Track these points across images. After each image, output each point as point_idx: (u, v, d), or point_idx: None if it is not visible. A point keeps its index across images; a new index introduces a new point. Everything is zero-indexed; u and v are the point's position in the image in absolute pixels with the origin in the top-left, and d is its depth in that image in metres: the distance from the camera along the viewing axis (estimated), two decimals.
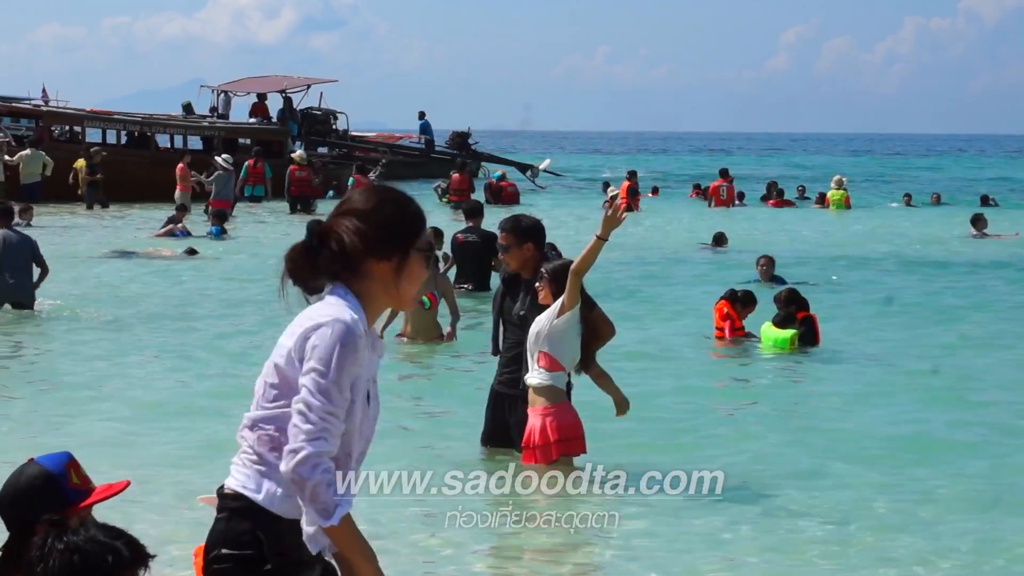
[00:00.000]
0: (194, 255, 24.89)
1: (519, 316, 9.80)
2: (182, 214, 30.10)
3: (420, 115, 50.60)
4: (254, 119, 45.66)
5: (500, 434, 9.84)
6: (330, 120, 47.96)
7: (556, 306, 9.26)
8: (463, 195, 36.41)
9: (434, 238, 20.17)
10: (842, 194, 42.01)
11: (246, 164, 37.62)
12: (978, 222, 32.49)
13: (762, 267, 20.30)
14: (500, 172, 46.30)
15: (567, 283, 9.19)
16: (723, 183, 42.22)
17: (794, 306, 15.44)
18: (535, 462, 9.19)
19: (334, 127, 48.12)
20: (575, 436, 9.36)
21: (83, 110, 43.53)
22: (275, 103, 46.10)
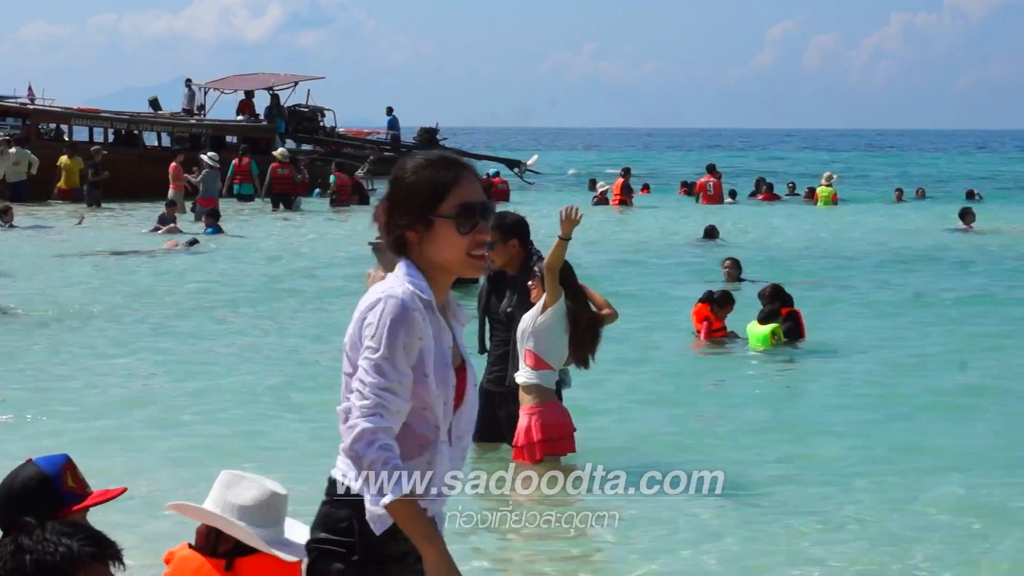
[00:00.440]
0: (195, 244, 25.31)
1: (506, 314, 9.77)
2: (172, 210, 30.07)
3: (388, 111, 50.66)
4: (241, 116, 45.59)
5: (491, 430, 9.80)
6: (317, 117, 47.91)
7: (540, 303, 9.26)
8: None
9: None
10: (830, 190, 42.07)
11: (233, 162, 37.58)
12: (966, 216, 32.69)
13: (727, 269, 20.34)
14: (494, 170, 46.39)
15: (545, 280, 9.21)
16: (710, 179, 42.25)
17: (778, 302, 15.50)
18: (523, 461, 9.19)
19: (321, 124, 48.06)
20: (560, 436, 9.33)
21: (70, 108, 43.42)
22: (262, 101, 46.05)
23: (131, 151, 40.60)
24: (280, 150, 38.69)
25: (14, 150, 36.14)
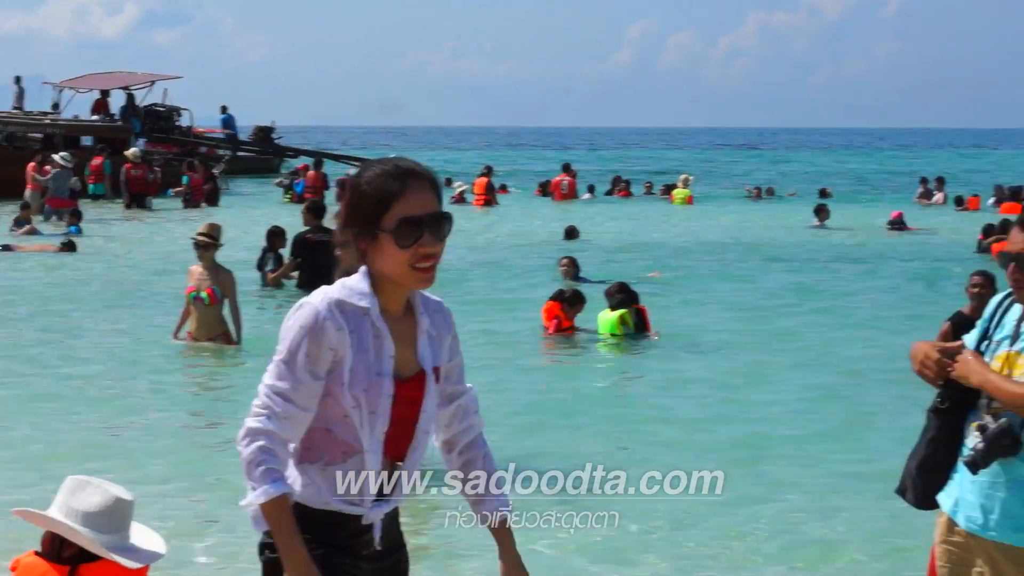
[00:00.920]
0: (73, 251, 24.76)
1: None
2: (27, 212, 29.61)
3: (222, 109, 50.31)
4: (96, 116, 44.95)
5: None
6: (173, 117, 47.44)
7: None
8: (318, 193, 36.45)
9: (276, 238, 20.01)
10: (686, 192, 42.68)
11: (89, 163, 37.13)
12: (820, 212, 33.45)
13: (563, 267, 20.69)
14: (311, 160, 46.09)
15: None
16: (565, 177, 42.65)
17: (624, 295, 15.85)
18: None
19: (177, 124, 47.59)
20: None
21: None
22: (118, 100, 45.45)
23: None
24: (133, 150, 38.30)
25: None
